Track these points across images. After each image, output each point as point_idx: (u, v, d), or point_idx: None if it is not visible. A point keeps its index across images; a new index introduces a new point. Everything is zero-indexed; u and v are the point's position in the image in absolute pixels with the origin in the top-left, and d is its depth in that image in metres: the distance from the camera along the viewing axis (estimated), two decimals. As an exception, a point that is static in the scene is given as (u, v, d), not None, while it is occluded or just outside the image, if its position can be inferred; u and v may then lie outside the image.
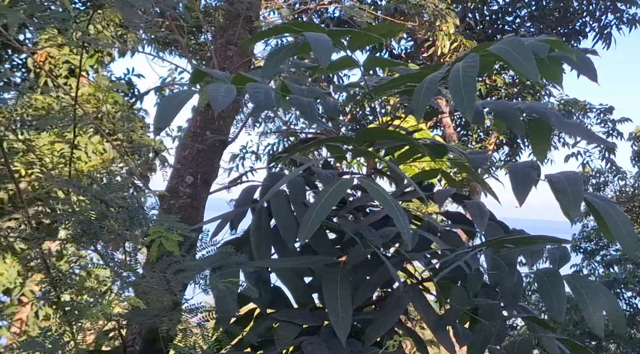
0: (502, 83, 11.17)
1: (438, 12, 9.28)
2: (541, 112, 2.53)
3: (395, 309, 2.19)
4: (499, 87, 11.28)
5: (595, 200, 2.37)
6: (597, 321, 2.22)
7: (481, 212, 2.39)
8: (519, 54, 2.07)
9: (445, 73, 2.16)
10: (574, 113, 13.55)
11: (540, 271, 2.32)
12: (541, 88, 11.30)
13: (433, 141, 2.60)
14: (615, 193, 17.48)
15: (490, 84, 11.35)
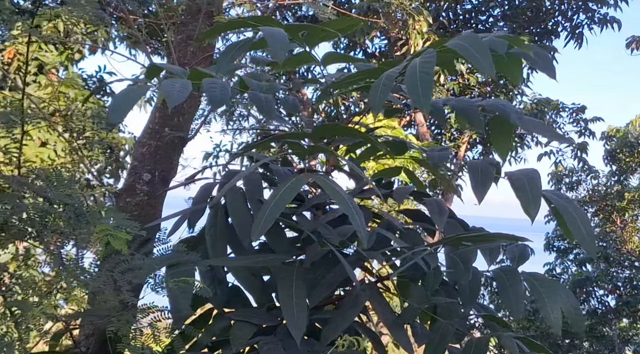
0: (475, 82, 11.20)
1: (411, 11, 9.27)
2: (501, 109, 2.52)
3: (352, 309, 2.16)
4: (472, 86, 11.31)
5: (554, 198, 2.35)
6: (554, 319, 2.21)
7: (440, 210, 2.37)
8: (475, 49, 2.05)
9: (403, 69, 2.13)
10: (547, 113, 13.63)
11: (499, 269, 2.31)
12: (514, 87, 11.35)
13: (394, 138, 2.58)
14: (588, 192, 17.63)
15: (464, 83, 11.38)
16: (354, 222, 1.95)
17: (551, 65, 2.38)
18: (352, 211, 1.95)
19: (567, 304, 2.30)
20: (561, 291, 2.32)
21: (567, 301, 2.30)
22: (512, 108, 2.52)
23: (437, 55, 2.15)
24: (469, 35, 2.11)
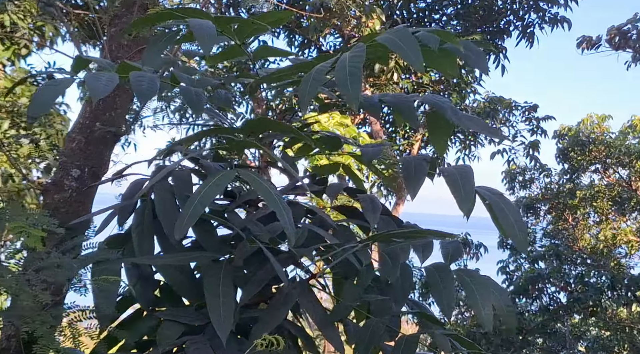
0: (428, 80, 11.26)
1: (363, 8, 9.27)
2: (437, 104, 2.50)
3: (282, 307, 2.12)
4: (425, 84, 11.37)
5: (487, 194, 2.34)
6: (486, 316, 2.20)
7: (373, 206, 2.34)
8: (404, 43, 2.02)
9: (333, 64, 2.10)
10: (500, 111, 13.76)
11: (431, 266, 2.29)
12: (466, 85, 11.43)
13: (328, 133, 2.55)
14: (541, 190, 17.86)
15: (417, 81, 11.43)
16: (281, 219, 1.91)
17: (483, 60, 2.37)
18: (279, 208, 1.91)
19: (499, 301, 2.29)
20: (493, 288, 2.31)
21: (499, 298, 2.30)
22: (448, 104, 2.50)
23: (368, 49, 2.13)
24: (398, 29, 2.08)
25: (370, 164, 2.74)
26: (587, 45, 13.57)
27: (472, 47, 2.34)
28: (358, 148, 2.69)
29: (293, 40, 12.29)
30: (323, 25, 9.93)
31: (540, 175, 17.57)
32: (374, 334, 2.12)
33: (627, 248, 17.95)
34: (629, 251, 17.97)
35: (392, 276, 2.05)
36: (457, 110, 2.53)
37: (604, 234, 17.84)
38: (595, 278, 14.95)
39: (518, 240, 2.27)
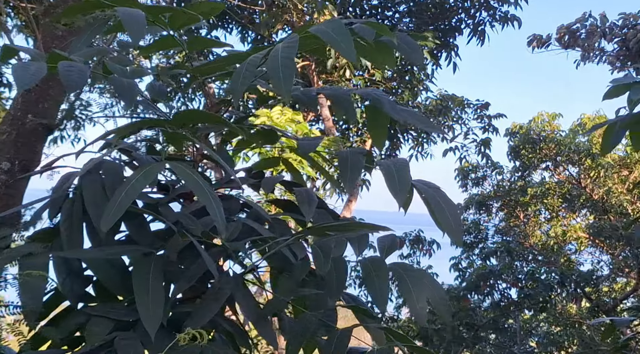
0: (380, 77, 11.29)
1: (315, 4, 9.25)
2: (375, 98, 2.49)
3: (214, 302, 2.09)
4: (377, 81, 11.40)
5: (424, 188, 2.34)
6: (420, 310, 2.19)
7: (309, 200, 2.32)
8: (337, 34, 2.01)
9: (266, 55, 2.07)
10: (452, 109, 13.88)
11: (366, 259, 2.27)
12: (418, 83, 11.50)
13: (262, 126, 2.52)
14: (493, 188, 18.07)
15: (369, 78, 11.45)
16: (211, 212, 1.88)
17: (419, 53, 2.37)
18: (209, 201, 1.88)
19: (434, 294, 2.29)
20: (428, 281, 2.31)
21: (435, 291, 2.29)
22: (386, 98, 2.50)
23: (301, 40, 2.11)
24: (331, 21, 2.07)
25: (310, 158, 2.72)
26: (537, 43, 13.76)
27: (408, 40, 2.33)
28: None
29: (246, 36, 12.23)
30: (275, 21, 9.89)
31: (493, 173, 17.78)
32: (306, 328, 2.10)
33: (577, 244, 18.28)
34: (578, 247, 18.29)
35: (323, 269, 2.04)
36: (394, 104, 2.53)
37: (554, 231, 18.14)
38: (545, 275, 15.16)
39: (453, 233, 2.27)
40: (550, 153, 16.69)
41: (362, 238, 2.35)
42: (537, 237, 18.37)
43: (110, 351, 2.03)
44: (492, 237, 18.01)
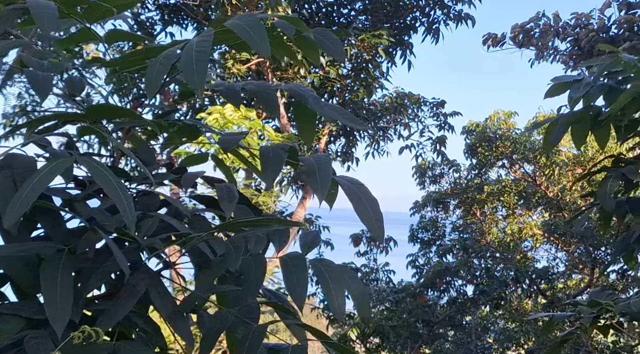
0: (335, 74, 11.30)
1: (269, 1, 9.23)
2: (299, 93, 2.48)
3: (128, 299, 2.06)
4: (332, 78, 11.41)
5: (345, 183, 2.34)
6: (339, 305, 2.19)
7: (230, 196, 2.30)
8: (251, 29, 2.00)
9: (182, 48, 2.05)
10: (409, 106, 13.94)
11: (286, 256, 2.26)
12: (373, 80, 11.54)
13: (184, 121, 2.50)
14: (450, 185, 18.21)
15: (324, 76, 11.46)
16: (120, 206, 1.85)
17: (340, 48, 2.37)
18: (118, 195, 1.85)
19: (355, 290, 2.28)
20: (349, 277, 2.30)
21: (356, 287, 2.29)
22: (310, 93, 2.49)
23: (217, 35, 2.09)
24: (246, 15, 2.05)
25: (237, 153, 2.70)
26: (492, 42, 13.89)
27: (329, 35, 2.34)
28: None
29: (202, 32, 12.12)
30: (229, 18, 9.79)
31: (450, 170, 17.92)
32: (222, 324, 2.08)
33: (533, 241, 18.51)
34: (534, 244, 18.53)
35: (233, 265, 2.02)
36: (319, 100, 2.52)
37: (510, 228, 18.35)
38: (500, 272, 15.35)
39: (374, 229, 2.27)
40: (506, 151, 16.88)
41: (282, 235, 2.34)
42: (494, 234, 18.57)
43: (19, 350, 2.00)
44: (449, 234, 18.17)
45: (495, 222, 18.88)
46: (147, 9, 12.20)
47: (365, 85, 11.54)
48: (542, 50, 13.82)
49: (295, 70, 10.72)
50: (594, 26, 12.74)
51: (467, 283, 15.39)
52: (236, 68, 10.64)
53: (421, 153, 14.41)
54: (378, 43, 10.96)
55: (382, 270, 15.77)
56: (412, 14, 12.03)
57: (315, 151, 12.05)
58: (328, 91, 11.85)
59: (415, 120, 13.85)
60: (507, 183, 17.82)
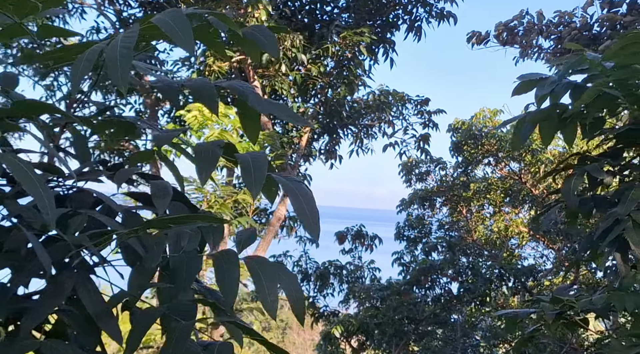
0: (316, 72, 11.28)
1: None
2: (239, 90, 2.47)
3: (54, 296, 2.05)
4: (314, 76, 11.39)
5: (282, 180, 2.33)
6: (271, 303, 2.18)
7: (163, 192, 2.29)
8: (176, 25, 1.99)
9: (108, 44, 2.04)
10: (393, 104, 13.94)
11: (219, 252, 2.25)
12: (355, 78, 11.53)
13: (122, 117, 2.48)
14: (436, 183, 18.23)
15: (306, 73, 11.44)
16: (39, 203, 1.84)
17: (274, 45, 2.36)
18: (37, 192, 1.84)
19: (289, 287, 2.27)
20: (283, 274, 2.29)
21: (290, 284, 2.28)
22: (250, 90, 2.48)
23: (144, 31, 2.08)
24: (172, 11, 2.04)
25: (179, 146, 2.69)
26: (476, 40, 13.87)
27: (264, 32, 2.33)
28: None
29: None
30: (209, 15, 9.76)
31: (436, 168, 17.94)
32: (148, 321, 2.07)
33: (519, 239, 18.55)
34: (520, 242, 18.56)
35: (151, 262, 2.01)
36: (259, 96, 2.52)
37: (497, 226, 18.38)
38: (485, 269, 15.36)
39: (310, 226, 2.26)
40: (492, 149, 16.89)
41: (217, 233, 2.33)
42: (480, 232, 18.59)
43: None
44: (435, 232, 18.19)
45: (481, 220, 18.91)
46: (130, 6, 12.18)
47: (347, 83, 11.53)
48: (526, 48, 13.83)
49: (276, 68, 10.71)
50: (576, 24, 12.76)
51: (452, 280, 15.40)
52: (217, 66, 10.61)
53: (405, 150, 14.40)
54: (360, 41, 10.95)
55: (368, 268, 15.78)
56: (394, 11, 12.01)
57: (296, 149, 12.06)
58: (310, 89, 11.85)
59: (399, 118, 13.84)
60: (493, 181, 17.84)
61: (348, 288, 15.41)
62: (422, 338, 16.31)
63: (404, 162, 17.17)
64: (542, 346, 15.94)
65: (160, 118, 12.96)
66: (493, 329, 16.44)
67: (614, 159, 4.61)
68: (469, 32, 13.73)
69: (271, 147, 10.11)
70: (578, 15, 12.70)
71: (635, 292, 4.18)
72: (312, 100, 12.27)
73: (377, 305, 14.81)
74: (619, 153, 4.66)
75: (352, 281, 15.21)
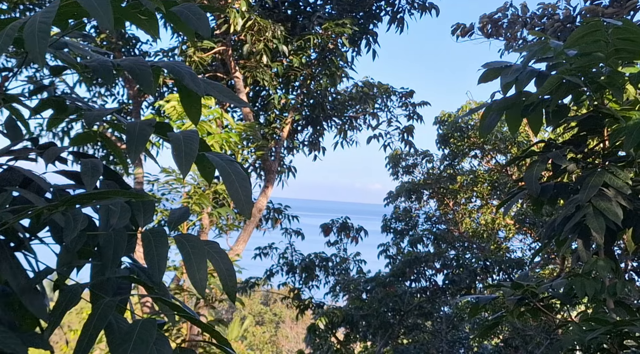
0: (298, 63, 11.26)
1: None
2: (175, 70, 2.47)
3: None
4: (295, 67, 11.38)
5: (217, 160, 2.35)
6: (199, 280, 2.19)
7: (93, 170, 2.29)
8: (95, 0, 1.99)
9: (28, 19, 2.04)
10: (377, 96, 13.93)
11: (148, 230, 2.26)
12: (337, 69, 11.51)
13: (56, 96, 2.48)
14: (423, 175, 18.24)
15: (288, 64, 11.43)
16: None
17: (205, 23, 2.37)
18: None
19: (220, 266, 2.28)
20: (216, 253, 2.30)
21: (221, 263, 2.28)
22: (186, 70, 2.48)
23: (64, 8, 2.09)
24: (91, -14, 2.04)
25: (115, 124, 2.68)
26: (461, 33, 13.87)
27: (195, 10, 2.34)
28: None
29: (166, 21, 12.07)
30: (190, 5, 9.73)
31: (423, 160, 17.95)
32: (71, 298, 2.07)
33: (506, 231, 18.59)
34: (507, 234, 18.60)
35: (67, 238, 2.01)
36: (196, 77, 2.51)
37: (484, 218, 18.42)
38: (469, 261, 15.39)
39: (242, 205, 2.27)
40: (478, 142, 16.91)
41: (147, 211, 2.33)
42: (467, 224, 18.63)
43: None
44: (422, 224, 18.20)
45: (468, 212, 18.94)
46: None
47: (329, 74, 11.51)
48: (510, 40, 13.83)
49: (257, 59, 10.69)
50: (560, 16, 12.76)
51: (437, 272, 15.41)
52: (197, 56, 10.60)
53: (389, 143, 14.38)
54: (342, 32, 10.93)
55: (354, 260, 15.79)
56: (376, 3, 12.00)
57: (277, 140, 12.05)
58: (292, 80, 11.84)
59: (384, 110, 13.83)
60: (480, 173, 17.87)
61: (335, 281, 15.42)
62: (411, 331, 16.35)
63: (390, 155, 17.17)
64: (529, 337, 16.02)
65: (144, 109, 12.96)
66: (481, 322, 16.46)
67: (577, 147, 4.63)
68: (453, 25, 13.73)
69: (252, 137, 10.11)
70: (561, 7, 12.70)
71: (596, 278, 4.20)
72: (295, 92, 12.25)
73: (361, 297, 14.82)
74: (582, 141, 4.67)
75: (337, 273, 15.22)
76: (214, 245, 2.36)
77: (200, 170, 2.58)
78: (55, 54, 2.47)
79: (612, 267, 4.22)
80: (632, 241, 4.40)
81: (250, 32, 10.27)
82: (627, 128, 4.12)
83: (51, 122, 2.71)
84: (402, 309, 15.07)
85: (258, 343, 34.23)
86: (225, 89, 2.65)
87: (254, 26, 10.18)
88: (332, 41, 11.14)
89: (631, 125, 4.12)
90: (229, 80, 11.51)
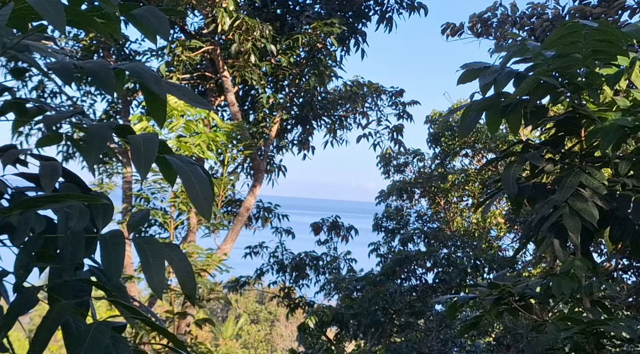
0: (286, 62, 11.26)
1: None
2: (139, 73, 2.47)
3: None
4: (283, 66, 11.38)
5: (175, 161, 2.34)
6: (157, 282, 2.19)
7: (52, 173, 2.29)
8: (48, 4, 1.99)
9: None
10: (367, 95, 13.93)
11: (106, 233, 2.26)
12: (325, 68, 11.51)
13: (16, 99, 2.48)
14: (414, 174, 18.25)
15: (276, 64, 11.43)
16: None
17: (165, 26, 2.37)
18: None
19: (180, 268, 2.28)
20: (175, 255, 2.30)
21: (181, 265, 2.29)
22: (150, 73, 2.48)
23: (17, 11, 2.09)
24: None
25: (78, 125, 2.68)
26: (450, 32, 13.87)
27: (155, 13, 2.34)
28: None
29: None
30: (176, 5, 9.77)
31: (414, 159, 17.96)
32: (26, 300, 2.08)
33: (497, 230, 18.61)
34: (498, 233, 18.62)
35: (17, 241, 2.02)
36: (160, 79, 2.51)
37: (475, 217, 18.44)
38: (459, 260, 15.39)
39: (201, 207, 2.28)
40: (469, 141, 16.92)
41: (106, 213, 2.34)
42: (458, 223, 18.64)
43: None
44: (413, 223, 18.21)
45: (459, 211, 18.96)
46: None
47: (318, 74, 11.51)
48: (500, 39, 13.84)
49: (245, 58, 10.68)
50: (549, 16, 12.78)
51: (428, 271, 15.42)
52: (185, 55, 10.60)
53: (379, 142, 14.38)
54: (330, 31, 10.94)
55: (344, 259, 15.79)
56: (365, 2, 12.00)
57: (266, 139, 12.06)
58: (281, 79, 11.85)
59: (374, 109, 13.83)
60: (471, 172, 17.89)
61: (325, 279, 15.43)
62: (404, 330, 16.35)
63: (382, 154, 17.18)
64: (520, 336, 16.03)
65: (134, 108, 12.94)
66: (472, 320, 16.42)
67: (555, 147, 4.65)
68: (443, 24, 13.73)
69: (240, 137, 10.11)
70: (550, 6, 12.71)
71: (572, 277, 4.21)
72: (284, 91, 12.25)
73: (351, 296, 14.83)
74: (560, 141, 4.69)
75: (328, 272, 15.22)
76: (174, 248, 2.36)
77: (163, 172, 2.57)
78: (16, 56, 2.47)
79: (588, 267, 4.23)
80: (610, 241, 4.41)
81: (238, 31, 10.27)
82: (603, 129, 4.13)
83: (15, 124, 2.71)
84: (392, 308, 15.07)
85: (253, 341, 34.27)
86: (187, 90, 2.66)
87: (242, 25, 10.18)
88: (320, 40, 11.14)
89: (607, 126, 4.13)
90: (218, 79, 11.52)
